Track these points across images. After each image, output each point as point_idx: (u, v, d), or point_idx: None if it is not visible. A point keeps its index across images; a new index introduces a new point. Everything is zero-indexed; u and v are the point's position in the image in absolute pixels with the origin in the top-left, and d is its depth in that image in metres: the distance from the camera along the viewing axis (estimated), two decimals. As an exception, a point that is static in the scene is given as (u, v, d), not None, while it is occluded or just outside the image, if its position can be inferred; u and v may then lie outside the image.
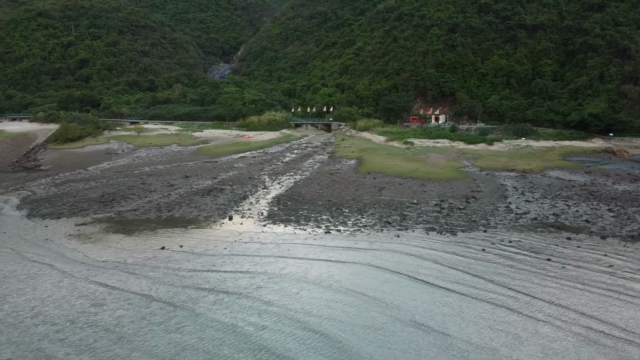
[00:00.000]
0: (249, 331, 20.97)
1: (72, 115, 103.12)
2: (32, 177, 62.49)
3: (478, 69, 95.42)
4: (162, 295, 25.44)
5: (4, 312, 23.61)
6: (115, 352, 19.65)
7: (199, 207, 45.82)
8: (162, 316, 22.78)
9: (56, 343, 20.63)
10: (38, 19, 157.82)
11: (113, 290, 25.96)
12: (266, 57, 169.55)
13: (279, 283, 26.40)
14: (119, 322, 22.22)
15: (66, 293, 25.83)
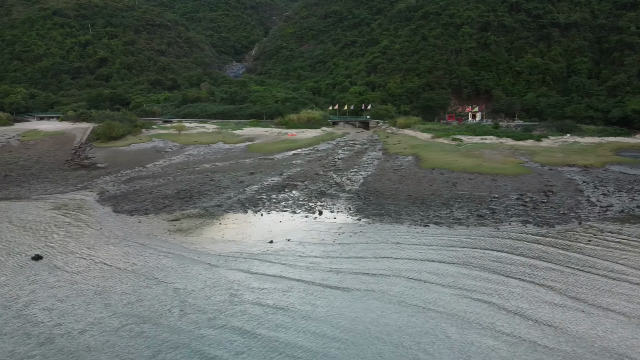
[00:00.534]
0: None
1: (104, 114, 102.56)
2: (94, 174, 62.31)
3: (513, 67, 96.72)
4: (317, 279, 25.83)
5: (200, 298, 23.69)
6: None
7: (281, 203, 46.22)
8: (334, 298, 23.27)
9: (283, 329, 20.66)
10: (54, 18, 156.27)
11: (263, 277, 26.40)
12: (282, 56, 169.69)
13: (422, 265, 27.26)
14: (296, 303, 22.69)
15: (232, 279, 26.17)
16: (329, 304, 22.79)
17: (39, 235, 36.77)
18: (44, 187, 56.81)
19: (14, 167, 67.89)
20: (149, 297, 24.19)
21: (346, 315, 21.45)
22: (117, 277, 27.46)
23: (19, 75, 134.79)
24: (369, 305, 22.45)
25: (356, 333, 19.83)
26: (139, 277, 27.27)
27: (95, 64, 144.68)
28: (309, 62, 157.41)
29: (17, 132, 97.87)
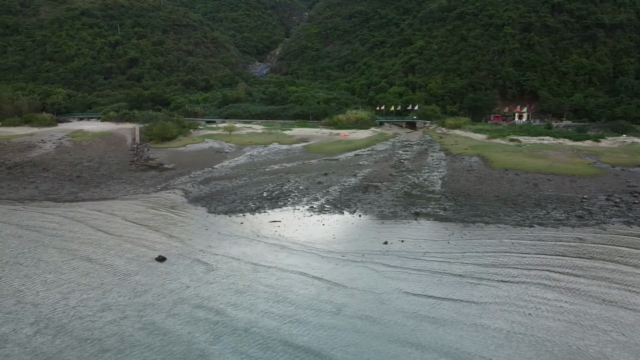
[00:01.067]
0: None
1: (148, 115, 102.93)
2: (166, 175, 62.39)
3: (558, 67, 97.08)
4: (465, 272, 26.54)
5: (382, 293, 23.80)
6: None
7: (373, 204, 46.48)
8: (495, 289, 23.61)
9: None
10: (82, 18, 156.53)
11: (411, 271, 27.05)
12: (307, 56, 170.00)
13: (560, 260, 27.86)
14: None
15: (390, 276, 26.56)
16: (495, 293, 23.46)
17: (151, 234, 37.17)
18: (124, 187, 56.92)
19: (81, 168, 67.93)
20: (327, 293, 24.46)
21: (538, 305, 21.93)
22: (269, 275, 27.82)
23: (52, 76, 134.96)
24: (544, 294, 23.10)
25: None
26: (289, 274, 27.68)
27: (125, 64, 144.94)
28: (336, 62, 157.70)
29: (64, 132, 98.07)
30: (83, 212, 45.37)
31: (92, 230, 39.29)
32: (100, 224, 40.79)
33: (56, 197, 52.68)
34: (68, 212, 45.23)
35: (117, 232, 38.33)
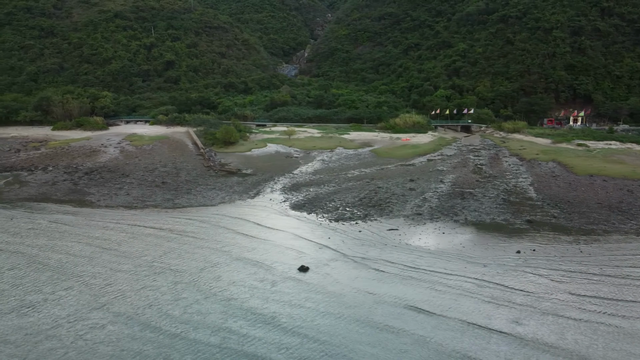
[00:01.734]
0: None
1: (199, 118, 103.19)
2: (251, 181, 62.50)
3: (611, 71, 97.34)
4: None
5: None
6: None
7: (478, 211, 47.03)
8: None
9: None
10: (115, 20, 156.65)
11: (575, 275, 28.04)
12: (338, 57, 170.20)
13: None
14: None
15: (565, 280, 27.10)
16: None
17: (297, 241, 37.91)
18: (216, 194, 57.04)
19: (159, 174, 68.04)
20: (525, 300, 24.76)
21: None
22: (452, 280, 28.67)
23: (90, 78, 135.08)
24: None
25: None
26: (466, 280, 28.54)
27: (162, 66, 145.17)
28: (369, 64, 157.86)
29: (119, 136, 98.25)
30: (210, 216, 45.91)
31: (234, 234, 39.87)
32: (239, 229, 41.22)
33: (154, 203, 52.94)
34: (195, 217, 45.73)
35: (260, 236, 38.85)
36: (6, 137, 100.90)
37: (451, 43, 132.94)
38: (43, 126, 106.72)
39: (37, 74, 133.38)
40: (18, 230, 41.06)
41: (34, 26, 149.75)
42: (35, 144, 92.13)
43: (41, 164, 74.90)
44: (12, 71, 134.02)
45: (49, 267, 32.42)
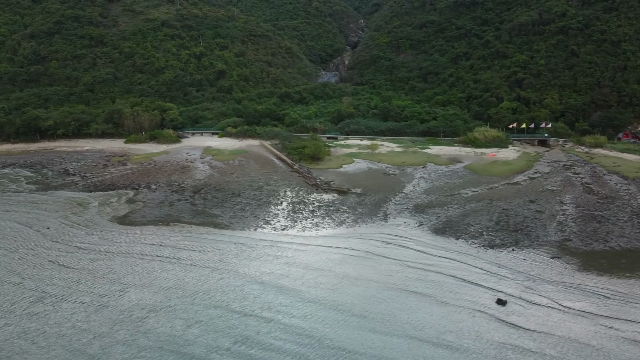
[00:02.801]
0: None
1: (271, 131, 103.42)
2: (369, 202, 62.50)
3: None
4: None
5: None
6: None
7: (627, 237, 47.74)
8: None
9: None
10: (163, 29, 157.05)
11: None
12: (381, 65, 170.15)
13: None
14: None
15: None
16: None
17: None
18: (346, 216, 57.01)
19: (268, 192, 68.10)
20: None
21: None
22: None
23: (145, 88, 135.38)
24: None
25: None
26: None
27: (214, 75, 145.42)
28: (416, 72, 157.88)
29: (194, 149, 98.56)
30: (381, 236, 47.24)
31: (420, 254, 41.74)
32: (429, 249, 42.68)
33: (303, 225, 53.46)
34: (366, 237, 47.12)
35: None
36: (81, 150, 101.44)
37: (506, 53, 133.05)
38: (114, 139, 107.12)
39: (92, 84, 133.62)
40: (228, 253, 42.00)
41: (83, 35, 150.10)
42: (117, 159, 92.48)
43: (141, 182, 75.13)
44: (68, 81, 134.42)
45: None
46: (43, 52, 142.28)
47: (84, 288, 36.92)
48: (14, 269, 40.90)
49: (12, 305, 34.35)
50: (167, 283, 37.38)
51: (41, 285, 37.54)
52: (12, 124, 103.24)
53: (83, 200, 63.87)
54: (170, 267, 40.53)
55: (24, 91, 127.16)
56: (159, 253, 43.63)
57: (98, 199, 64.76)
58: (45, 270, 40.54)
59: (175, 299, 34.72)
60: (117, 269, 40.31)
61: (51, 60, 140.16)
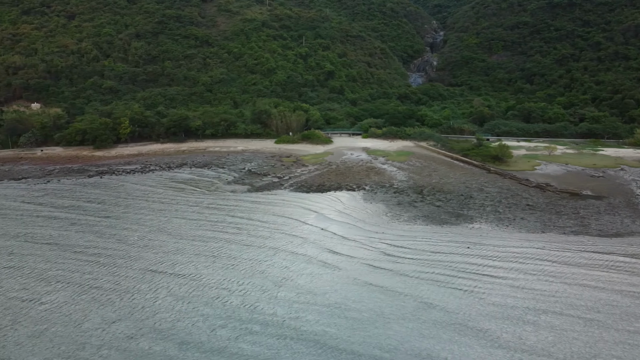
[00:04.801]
0: None
1: (424, 133, 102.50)
2: (617, 203, 61.24)
3: None
4: None
5: None
6: None
7: None
8: None
9: None
10: (264, 30, 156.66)
11: None
12: (475, 66, 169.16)
13: None
14: None
15: None
16: None
17: None
18: (612, 220, 55.67)
19: (506, 195, 66.92)
20: None
21: None
22: None
23: (261, 89, 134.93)
24: None
25: None
26: None
27: (323, 76, 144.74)
28: (518, 74, 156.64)
29: (353, 150, 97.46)
30: None
31: None
32: None
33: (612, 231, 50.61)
34: None
35: None
36: (237, 151, 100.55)
37: (627, 55, 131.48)
38: (262, 139, 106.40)
39: (210, 84, 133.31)
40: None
41: (187, 35, 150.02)
42: (288, 160, 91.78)
43: (345, 182, 74.02)
44: (186, 81, 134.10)
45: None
46: (153, 52, 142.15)
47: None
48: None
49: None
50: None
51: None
52: (161, 124, 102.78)
53: (331, 200, 63.00)
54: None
55: (146, 91, 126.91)
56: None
57: (342, 198, 63.87)
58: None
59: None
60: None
61: (163, 60, 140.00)
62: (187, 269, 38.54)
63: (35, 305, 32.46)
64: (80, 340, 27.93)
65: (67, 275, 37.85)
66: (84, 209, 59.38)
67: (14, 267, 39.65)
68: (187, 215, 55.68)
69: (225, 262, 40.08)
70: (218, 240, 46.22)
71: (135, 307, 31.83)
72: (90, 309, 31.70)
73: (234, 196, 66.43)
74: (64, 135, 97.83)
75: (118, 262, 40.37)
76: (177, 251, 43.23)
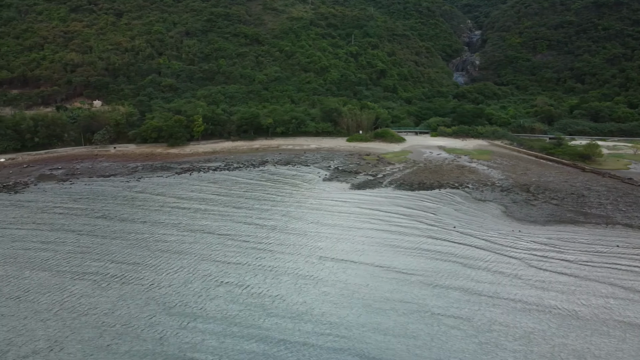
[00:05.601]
0: None
1: (497, 132, 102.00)
2: None
3: None
4: None
5: None
6: None
7: None
8: None
9: None
10: (312, 28, 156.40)
11: None
12: (520, 66, 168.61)
13: None
14: None
15: None
16: None
17: None
18: None
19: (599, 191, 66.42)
20: None
21: None
22: None
23: (316, 87, 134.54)
24: None
25: None
26: None
27: (375, 75, 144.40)
28: (566, 73, 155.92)
29: (429, 148, 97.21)
30: None
31: None
32: None
33: None
34: None
35: None
36: (310, 149, 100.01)
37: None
38: (333, 137, 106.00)
39: (266, 82, 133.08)
40: None
41: (237, 33, 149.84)
42: (370, 158, 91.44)
43: (443, 180, 73.58)
44: (242, 79, 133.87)
45: None
46: (205, 50, 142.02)
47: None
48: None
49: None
50: None
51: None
52: (232, 122, 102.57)
53: (442, 197, 62.93)
54: None
55: (205, 88, 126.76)
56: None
57: (453, 196, 63.73)
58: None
59: None
60: None
61: (216, 58, 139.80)
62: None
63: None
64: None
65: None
66: (214, 201, 59.54)
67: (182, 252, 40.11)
68: (327, 208, 56.16)
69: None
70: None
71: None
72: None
73: (346, 193, 66.43)
74: (139, 132, 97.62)
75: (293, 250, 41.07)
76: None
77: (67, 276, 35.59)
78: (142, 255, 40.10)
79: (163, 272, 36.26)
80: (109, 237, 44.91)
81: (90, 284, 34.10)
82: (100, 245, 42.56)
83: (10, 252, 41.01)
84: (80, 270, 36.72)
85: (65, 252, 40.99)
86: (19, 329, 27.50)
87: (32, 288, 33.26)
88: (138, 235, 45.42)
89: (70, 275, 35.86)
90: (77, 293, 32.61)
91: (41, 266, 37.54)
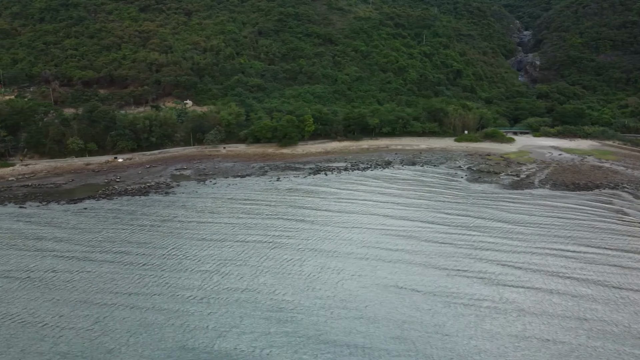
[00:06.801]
0: None
1: (607, 132, 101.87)
2: None
3: None
4: None
5: None
6: None
7: None
8: None
9: None
10: (383, 28, 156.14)
11: None
12: (584, 66, 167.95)
13: None
14: None
15: None
16: None
17: None
18: None
19: None
20: None
21: None
22: None
23: (397, 87, 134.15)
24: None
25: None
26: None
27: (452, 75, 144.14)
28: (636, 74, 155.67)
29: (541, 148, 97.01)
30: None
31: None
32: None
33: None
34: None
35: None
36: (420, 149, 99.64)
37: None
38: (438, 137, 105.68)
39: (349, 82, 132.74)
40: None
41: (309, 33, 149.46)
42: (493, 158, 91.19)
43: (604, 182, 73.54)
44: (325, 79, 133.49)
45: None
46: (282, 50, 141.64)
47: None
48: None
49: None
50: None
51: None
52: (338, 122, 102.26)
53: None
54: None
55: (292, 88, 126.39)
56: None
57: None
58: None
59: None
60: None
61: (293, 57, 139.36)
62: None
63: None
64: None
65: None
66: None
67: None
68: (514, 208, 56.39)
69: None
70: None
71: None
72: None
73: (515, 195, 66.66)
74: (251, 131, 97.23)
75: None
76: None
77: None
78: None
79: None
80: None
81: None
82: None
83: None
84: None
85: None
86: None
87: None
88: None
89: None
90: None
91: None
